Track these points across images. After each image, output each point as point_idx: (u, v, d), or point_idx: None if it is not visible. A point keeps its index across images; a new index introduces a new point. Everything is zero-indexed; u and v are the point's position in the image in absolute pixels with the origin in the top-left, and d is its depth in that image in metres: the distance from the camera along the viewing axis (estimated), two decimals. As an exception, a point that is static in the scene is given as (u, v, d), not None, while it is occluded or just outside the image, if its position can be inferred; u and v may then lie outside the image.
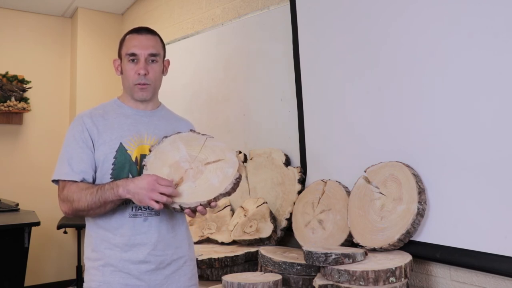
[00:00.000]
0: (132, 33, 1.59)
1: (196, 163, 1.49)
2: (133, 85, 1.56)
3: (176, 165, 1.48)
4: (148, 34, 1.58)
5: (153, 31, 1.61)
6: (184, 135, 1.58)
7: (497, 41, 1.59)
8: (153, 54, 1.56)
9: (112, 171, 1.49)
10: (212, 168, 1.48)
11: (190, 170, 1.47)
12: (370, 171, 1.92)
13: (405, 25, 1.88)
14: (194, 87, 3.21)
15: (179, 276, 1.57)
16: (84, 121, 1.53)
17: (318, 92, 2.26)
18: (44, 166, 4.21)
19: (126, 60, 1.56)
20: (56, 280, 4.24)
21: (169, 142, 1.54)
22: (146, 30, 1.60)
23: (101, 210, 1.45)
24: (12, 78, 4.09)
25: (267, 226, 2.23)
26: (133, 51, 1.54)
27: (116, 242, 1.49)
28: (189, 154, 1.51)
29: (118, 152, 1.50)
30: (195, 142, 1.56)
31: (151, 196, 1.36)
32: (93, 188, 1.44)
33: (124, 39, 1.60)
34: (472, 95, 1.66)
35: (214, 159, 1.50)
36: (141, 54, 1.54)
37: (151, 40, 1.57)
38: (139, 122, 1.58)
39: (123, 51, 1.58)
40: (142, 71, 1.53)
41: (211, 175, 1.46)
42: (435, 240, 1.73)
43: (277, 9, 2.58)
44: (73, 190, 1.45)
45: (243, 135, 2.77)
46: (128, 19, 4.42)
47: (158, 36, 1.62)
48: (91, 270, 1.52)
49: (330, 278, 1.58)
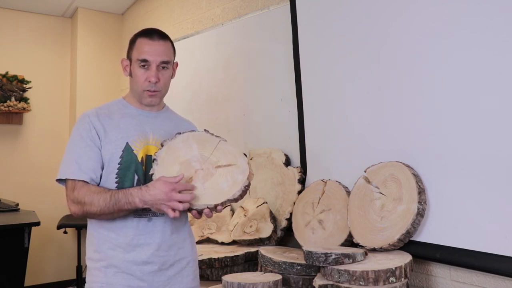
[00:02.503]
0: (144, 37, 1.54)
1: (207, 164, 1.49)
2: (142, 91, 1.55)
3: (186, 163, 1.48)
4: (161, 39, 1.54)
5: (165, 36, 1.57)
6: (198, 134, 1.57)
7: (498, 41, 1.58)
8: (165, 61, 1.54)
9: (118, 170, 1.49)
10: (223, 172, 1.48)
11: (200, 171, 1.47)
12: (370, 171, 1.92)
13: (405, 25, 1.88)
14: (194, 87, 3.21)
15: (182, 278, 1.57)
16: (91, 119, 1.52)
17: (318, 92, 2.26)
18: (44, 166, 4.21)
19: (136, 64, 1.53)
20: (56, 280, 4.24)
21: (182, 139, 1.53)
22: (158, 34, 1.56)
23: (113, 216, 1.46)
24: (12, 78, 4.09)
25: (267, 226, 2.22)
26: (145, 57, 1.51)
27: (119, 242, 1.49)
28: (201, 155, 1.51)
29: (124, 151, 1.49)
30: (208, 143, 1.55)
31: (169, 205, 1.37)
32: (106, 193, 1.43)
33: (135, 41, 1.56)
34: (472, 95, 1.66)
35: (225, 163, 1.50)
36: (153, 61, 1.51)
37: (163, 46, 1.54)
38: (145, 122, 1.58)
39: (133, 54, 1.55)
40: (153, 79, 1.52)
41: (220, 179, 1.46)
42: (435, 240, 1.73)
43: (277, 9, 2.58)
44: (84, 192, 1.44)
45: (243, 135, 2.77)
46: (128, 19, 4.42)
47: (170, 41, 1.59)
48: (93, 271, 1.51)
49: (330, 278, 1.58)
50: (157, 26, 3.84)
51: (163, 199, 1.37)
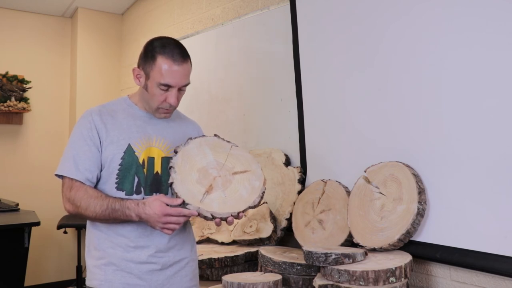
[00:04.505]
0: (167, 58, 1.45)
1: (224, 171, 1.49)
2: (157, 108, 1.53)
3: (204, 171, 1.48)
4: (184, 63, 1.47)
5: (186, 54, 1.50)
6: (210, 139, 1.57)
7: (498, 41, 1.58)
8: (186, 84, 1.51)
9: (119, 171, 1.48)
10: (240, 178, 1.49)
11: (218, 178, 1.47)
12: (370, 171, 1.91)
13: (406, 25, 1.88)
14: (194, 87, 3.21)
15: (180, 277, 1.57)
16: (93, 118, 1.51)
17: (318, 92, 2.26)
18: (44, 166, 4.21)
19: (156, 85, 1.47)
20: (56, 280, 4.24)
21: (195, 145, 1.52)
22: (180, 56, 1.47)
23: (108, 222, 1.48)
24: (12, 78, 4.09)
25: (267, 226, 2.22)
26: (169, 83, 1.46)
27: (119, 242, 1.49)
28: (216, 161, 1.51)
29: (126, 153, 1.49)
30: (221, 149, 1.55)
31: (163, 226, 1.40)
32: (103, 200, 1.43)
33: (155, 58, 1.45)
34: (472, 95, 1.65)
35: (241, 170, 1.51)
36: (175, 85, 1.48)
37: (186, 70, 1.49)
38: (148, 124, 1.57)
39: (154, 74, 1.46)
40: (174, 103, 1.50)
41: (239, 186, 1.47)
42: (435, 240, 1.73)
43: (277, 9, 2.58)
44: (81, 195, 1.44)
45: (243, 135, 2.77)
46: (128, 19, 4.42)
47: (189, 58, 1.52)
48: (93, 269, 1.51)
49: (330, 278, 1.58)
50: (157, 26, 3.85)
51: (156, 221, 1.39)
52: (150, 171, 1.52)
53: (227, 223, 1.42)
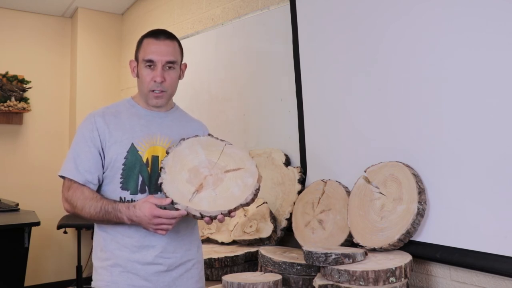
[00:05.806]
0: (150, 38, 1.54)
1: (216, 170, 1.48)
2: (148, 91, 1.54)
3: (195, 170, 1.47)
4: (167, 39, 1.54)
5: (172, 36, 1.57)
6: (203, 139, 1.57)
7: (498, 41, 1.58)
8: (170, 61, 1.53)
9: (123, 171, 1.49)
10: (232, 176, 1.47)
11: (209, 177, 1.47)
12: (370, 171, 1.91)
13: (406, 25, 1.88)
14: (194, 87, 3.21)
15: (186, 279, 1.57)
16: (96, 120, 1.52)
17: (318, 92, 2.26)
18: (44, 166, 4.21)
19: (143, 65, 1.53)
20: (56, 280, 4.23)
21: (187, 145, 1.52)
22: (164, 34, 1.55)
23: (104, 223, 1.49)
24: (12, 78, 4.09)
25: (267, 226, 2.22)
26: (151, 57, 1.51)
27: (125, 242, 1.49)
28: (208, 160, 1.50)
29: (129, 152, 1.49)
30: (214, 147, 1.55)
31: (155, 228, 1.41)
32: (97, 202, 1.45)
33: (142, 42, 1.56)
34: (472, 95, 1.65)
35: (234, 167, 1.49)
36: (158, 61, 1.51)
37: (169, 46, 1.53)
38: (152, 123, 1.57)
39: (140, 55, 1.55)
40: (158, 79, 1.51)
41: (231, 184, 1.46)
42: (435, 240, 1.73)
43: (277, 9, 2.58)
44: (77, 196, 1.46)
45: (243, 135, 2.77)
46: (128, 19, 4.42)
47: (177, 40, 1.58)
48: (99, 270, 1.52)
49: (330, 278, 1.58)
50: (157, 26, 3.84)
51: (148, 223, 1.40)
52: (154, 169, 1.52)
53: (219, 221, 1.41)
